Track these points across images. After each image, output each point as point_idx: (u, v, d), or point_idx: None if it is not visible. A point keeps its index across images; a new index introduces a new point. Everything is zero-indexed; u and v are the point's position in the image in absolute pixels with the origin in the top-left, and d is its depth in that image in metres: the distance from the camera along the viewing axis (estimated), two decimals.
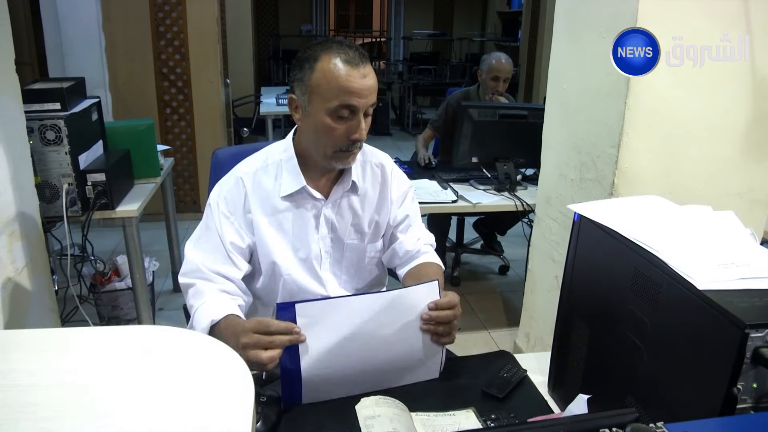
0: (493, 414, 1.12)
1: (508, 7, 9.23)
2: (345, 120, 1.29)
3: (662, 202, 1.12)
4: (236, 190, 1.40)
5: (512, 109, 3.03)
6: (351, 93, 1.26)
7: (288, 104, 1.39)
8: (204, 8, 4.11)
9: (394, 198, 1.53)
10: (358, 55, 1.28)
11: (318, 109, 1.29)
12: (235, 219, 1.40)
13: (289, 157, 1.41)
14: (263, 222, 1.41)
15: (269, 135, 4.82)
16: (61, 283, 2.37)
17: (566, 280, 1.15)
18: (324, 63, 1.27)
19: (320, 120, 1.30)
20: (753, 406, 0.75)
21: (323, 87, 1.27)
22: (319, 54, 1.28)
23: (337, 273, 1.50)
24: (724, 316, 0.75)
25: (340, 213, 1.46)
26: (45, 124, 2.13)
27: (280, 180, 1.41)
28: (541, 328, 2.48)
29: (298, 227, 1.43)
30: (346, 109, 1.28)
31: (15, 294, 1.85)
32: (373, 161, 1.51)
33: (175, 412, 0.69)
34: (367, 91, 1.28)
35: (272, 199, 1.41)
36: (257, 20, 8.48)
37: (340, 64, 1.26)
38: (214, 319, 1.26)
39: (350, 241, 1.48)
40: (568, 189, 2.20)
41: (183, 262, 1.42)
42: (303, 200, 1.42)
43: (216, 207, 1.40)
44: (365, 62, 1.29)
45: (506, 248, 3.92)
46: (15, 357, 0.80)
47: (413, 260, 1.56)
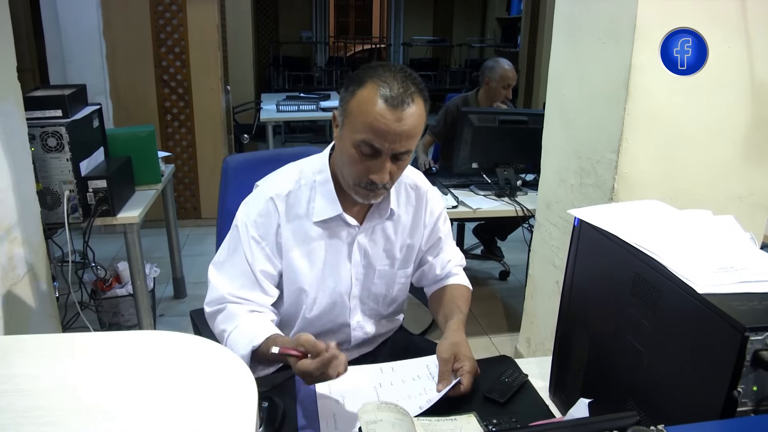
0: (494, 419, 1.12)
1: (507, 13, 9.26)
2: (368, 158, 1.20)
3: (662, 206, 1.13)
4: (267, 214, 1.31)
5: (512, 114, 3.04)
6: (377, 133, 1.17)
7: (332, 119, 1.30)
8: (204, 15, 4.13)
9: (428, 221, 1.46)
10: (404, 93, 1.16)
11: (348, 136, 1.22)
12: (267, 244, 1.32)
13: (324, 180, 1.33)
14: (293, 247, 1.33)
15: (269, 141, 4.84)
16: (62, 289, 2.37)
17: (567, 284, 1.15)
18: (365, 91, 1.18)
19: (347, 148, 1.22)
20: (753, 409, 0.76)
21: (355, 116, 1.19)
22: (367, 79, 1.19)
23: (365, 300, 1.45)
24: (724, 319, 0.75)
25: (373, 239, 1.39)
26: (46, 131, 2.14)
27: (314, 204, 1.32)
28: (542, 333, 2.48)
29: (330, 254, 1.36)
30: (369, 147, 1.19)
31: (16, 300, 1.85)
32: (407, 182, 1.43)
33: (177, 416, 0.69)
34: (397, 136, 1.17)
35: (305, 225, 1.33)
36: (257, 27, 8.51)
37: (379, 100, 1.16)
38: (254, 344, 1.20)
39: (381, 267, 1.42)
40: (568, 194, 2.20)
41: (208, 289, 1.34)
42: (337, 227, 1.35)
43: (245, 230, 1.31)
44: (410, 104, 1.17)
45: (506, 253, 3.92)
46: (17, 362, 0.81)
47: (442, 282, 1.54)
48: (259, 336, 1.21)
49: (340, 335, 1.45)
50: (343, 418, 1.13)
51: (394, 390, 1.22)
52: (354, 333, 1.46)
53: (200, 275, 3.69)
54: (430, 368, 1.29)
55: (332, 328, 1.44)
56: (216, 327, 1.32)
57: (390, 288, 1.47)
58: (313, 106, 5.10)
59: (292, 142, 7.88)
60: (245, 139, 5.13)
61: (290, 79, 8.48)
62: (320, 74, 9.40)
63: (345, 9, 11.01)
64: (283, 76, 8.72)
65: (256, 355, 1.22)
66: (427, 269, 1.53)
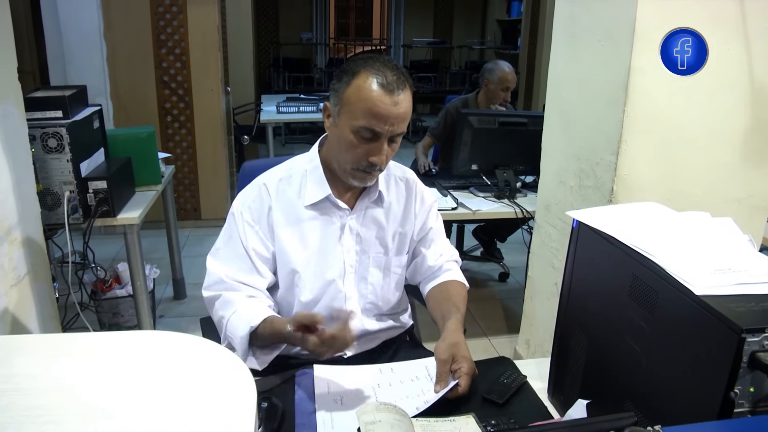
0: (493, 419, 1.13)
1: (507, 15, 9.26)
2: (367, 141, 1.28)
3: (661, 208, 1.13)
4: (260, 198, 1.39)
5: (512, 116, 3.04)
6: (377, 117, 1.25)
7: (322, 111, 1.37)
8: (205, 16, 4.13)
9: (418, 211, 1.53)
10: (396, 80, 1.26)
11: (345, 123, 1.29)
12: (260, 228, 1.38)
13: (314, 167, 1.41)
14: (285, 231, 1.39)
15: (269, 143, 4.84)
16: (62, 290, 2.37)
17: (565, 286, 1.16)
18: (360, 80, 1.26)
19: (345, 135, 1.29)
20: (750, 410, 0.76)
21: (353, 104, 1.27)
22: (359, 69, 1.27)
23: (363, 292, 1.47)
24: (721, 320, 0.75)
25: (365, 225, 1.44)
26: (47, 131, 2.15)
27: (305, 190, 1.40)
28: (541, 335, 2.48)
29: (322, 238, 1.41)
30: (369, 131, 1.27)
31: (16, 301, 1.85)
32: (397, 175, 1.51)
33: (177, 416, 0.69)
34: (395, 119, 1.26)
35: (296, 209, 1.39)
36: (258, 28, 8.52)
37: (375, 86, 1.25)
38: (252, 325, 1.26)
39: (375, 254, 1.46)
40: (567, 196, 2.20)
41: (206, 275, 1.40)
42: (327, 210, 1.41)
43: (239, 216, 1.38)
44: (402, 89, 1.27)
45: (506, 255, 3.92)
46: (17, 362, 0.81)
47: (436, 277, 1.56)
48: (257, 318, 1.27)
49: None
50: (341, 419, 1.13)
51: (393, 391, 1.23)
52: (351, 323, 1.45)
53: (200, 276, 3.65)
54: (429, 369, 1.29)
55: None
56: (215, 314, 1.37)
57: (386, 277, 1.49)
58: (313, 108, 5.10)
59: (293, 144, 7.89)
60: (245, 140, 5.13)
61: (290, 80, 8.48)
62: (320, 76, 9.39)
63: (345, 10, 11.01)
64: (283, 77, 8.72)
65: (255, 338, 1.27)
66: (419, 261, 1.56)
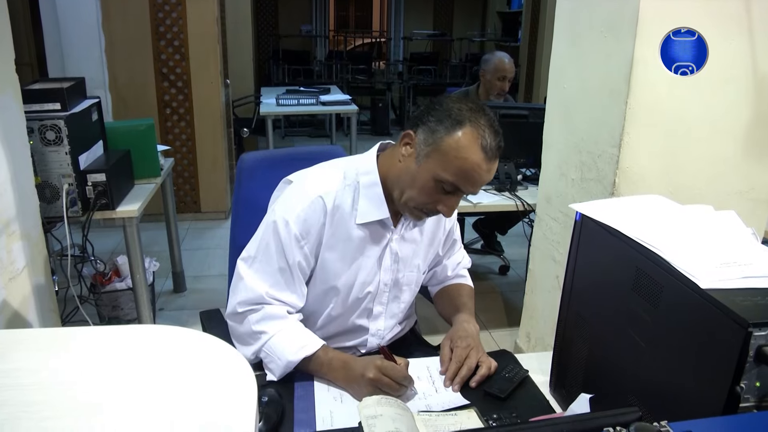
0: (495, 414, 1.12)
1: (508, 7, 9.22)
2: (445, 193, 1.24)
3: (663, 201, 1.12)
4: (313, 211, 1.29)
5: (513, 109, 3.03)
6: (469, 181, 1.22)
7: (402, 137, 1.29)
8: (204, 8, 4.11)
9: (447, 225, 1.51)
10: (496, 147, 1.23)
11: (431, 167, 1.23)
12: (306, 243, 1.29)
13: (372, 183, 1.32)
14: (333, 246, 1.32)
15: (269, 135, 4.82)
16: (61, 283, 2.36)
17: (568, 279, 1.15)
18: (464, 135, 1.20)
19: (425, 178, 1.23)
20: (756, 404, 0.75)
21: (449, 155, 1.21)
22: (465, 121, 1.21)
23: (395, 311, 1.46)
24: (727, 314, 0.75)
25: (403, 244, 1.41)
26: (45, 124, 2.13)
27: (357, 205, 1.32)
28: (541, 328, 2.48)
29: (366, 257, 1.36)
30: (453, 186, 1.23)
31: (15, 294, 1.85)
32: None
33: (177, 411, 0.69)
34: (483, 184, 1.26)
35: (347, 225, 1.32)
36: (257, 20, 8.48)
37: (478, 149, 1.20)
38: (307, 353, 1.24)
39: (408, 273, 1.43)
40: (569, 189, 2.20)
41: (241, 286, 1.30)
42: (377, 230, 1.35)
43: (284, 226, 1.27)
44: (497, 157, 1.24)
45: (507, 248, 3.92)
46: (16, 356, 0.80)
47: (447, 282, 1.59)
48: (310, 345, 1.25)
49: (355, 338, 1.44)
50: (340, 415, 1.13)
51: None
52: (370, 340, 1.45)
53: (200, 269, 3.69)
54: (431, 370, 1.29)
55: (350, 329, 1.43)
56: (245, 325, 1.29)
57: (413, 294, 1.50)
58: (312, 100, 5.08)
59: (292, 136, 7.87)
60: (245, 132, 5.11)
61: (290, 72, 8.44)
62: (320, 68, 9.35)
63: (345, 2, 10.96)
64: (282, 69, 8.68)
65: (301, 363, 1.25)
66: (439, 270, 1.57)
